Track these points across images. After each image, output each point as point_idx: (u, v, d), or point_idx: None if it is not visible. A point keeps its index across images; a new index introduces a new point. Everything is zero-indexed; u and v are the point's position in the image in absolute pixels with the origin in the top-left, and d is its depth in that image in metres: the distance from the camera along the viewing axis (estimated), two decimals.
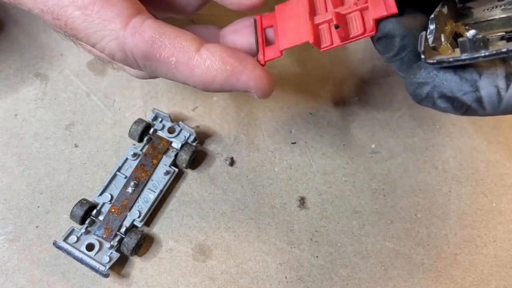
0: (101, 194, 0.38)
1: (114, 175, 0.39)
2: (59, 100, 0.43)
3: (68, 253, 0.35)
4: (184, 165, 0.39)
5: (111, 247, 0.36)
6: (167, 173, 0.39)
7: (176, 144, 0.40)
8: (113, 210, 0.37)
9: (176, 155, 0.40)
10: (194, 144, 0.40)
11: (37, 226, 0.38)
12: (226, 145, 0.42)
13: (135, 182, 0.38)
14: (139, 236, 0.36)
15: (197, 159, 0.41)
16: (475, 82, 0.25)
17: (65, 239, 0.36)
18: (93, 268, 0.35)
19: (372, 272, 0.37)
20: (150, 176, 0.39)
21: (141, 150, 0.40)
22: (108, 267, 0.35)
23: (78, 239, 0.36)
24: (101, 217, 0.37)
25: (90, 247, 0.36)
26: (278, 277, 0.37)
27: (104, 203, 0.38)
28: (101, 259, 0.35)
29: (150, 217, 0.38)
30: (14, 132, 0.41)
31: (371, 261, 0.38)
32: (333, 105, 0.44)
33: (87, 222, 0.36)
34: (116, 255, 0.36)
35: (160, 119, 0.41)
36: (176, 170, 0.40)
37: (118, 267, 0.37)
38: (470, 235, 0.39)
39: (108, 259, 0.35)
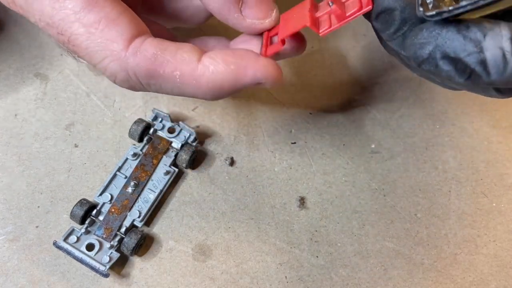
0: (101, 194, 0.38)
1: (114, 175, 0.39)
2: (59, 100, 0.43)
3: (68, 253, 0.35)
4: (184, 165, 0.39)
5: (111, 247, 0.36)
6: (167, 173, 0.39)
7: (176, 144, 0.40)
8: (113, 210, 0.37)
9: (176, 155, 0.40)
10: (194, 144, 0.40)
11: (37, 226, 0.38)
12: (226, 145, 0.42)
13: (135, 182, 0.38)
14: (139, 236, 0.36)
15: (197, 159, 0.41)
16: (479, 43, 0.24)
17: (65, 239, 0.36)
18: (93, 268, 0.35)
19: (372, 272, 0.37)
20: (150, 176, 0.39)
21: (141, 150, 0.40)
22: (108, 267, 0.35)
23: (78, 239, 0.36)
24: (101, 217, 0.37)
25: (90, 247, 0.36)
26: (278, 277, 0.37)
27: (104, 203, 0.38)
28: (101, 259, 0.35)
29: (150, 217, 0.38)
30: (14, 132, 0.41)
31: (371, 261, 0.38)
32: (333, 105, 0.44)
33: (87, 222, 0.36)
34: (116, 255, 0.36)
35: (160, 119, 0.41)
36: (176, 170, 0.40)
37: (118, 267, 0.37)
38: (470, 235, 0.39)
39: (108, 259, 0.35)
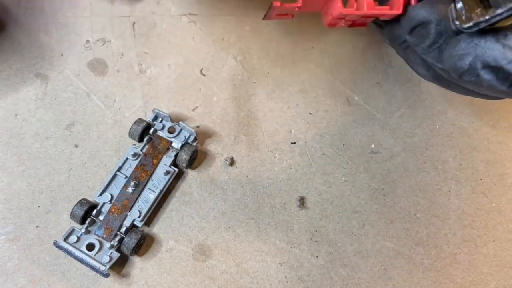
0: (101, 194, 0.38)
1: (114, 175, 0.39)
2: (60, 100, 0.43)
3: (69, 253, 0.35)
4: (184, 165, 0.39)
5: (111, 247, 0.36)
6: (167, 173, 0.39)
7: (176, 144, 0.40)
8: (113, 210, 0.37)
9: (176, 155, 0.40)
10: (194, 144, 0.40)
11: (38, 226, 0.38)
12: (226, 145, 0.42)
13: (135, 182, 0.38)
14: (139, 236, 0.36)
15: (197, 159, 0.41)
16: None
17: (66, 239, 0.36)
18: (93, 268, 0.35)
19: (372, 272, 0.37)
20: (150, 176, 0.39)
21: (141, 150, 0.40)
22: (108, 267, 0.35)
23: (79, 239, 0.36)
24: (101, 217, 0.37)
25: (90, 247, 0.36)
26: (278, 277, 0.37)
27: (104, 203, 0.38)
28: (101, 259, 0.35)
29: (150, 217, 0.38)
30: (15, 132, 0.41)
31: (371, 261, 0.38)
32: (333, 105, 0.44)
33: (87, 222, 0.37)
34: (116, 255, 0.36)
35: (160, 119, 0.41)
36: (176, 170, 0.40)
37: (118, 267, 0.37)
38: (470, 235, 0.39)
39: (108, 259, 0.35)
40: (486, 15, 0.23)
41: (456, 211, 0.40)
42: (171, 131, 0.41)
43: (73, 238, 0.36)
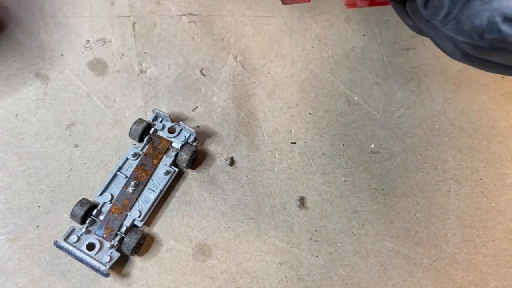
0: (102, 194, 0.38)
1: (115, 175, 0.39)
2: (60, 100, 0.43)
3: (69, 253, 0.35)
4: (184, 165, 0.40)
5: (112, 247, 0.36)
6: (167, 173, 0.39)
7: (176, 144, 0.40)
8: (114, 210, 0.37)
9: (176, 155, 0.40)
10: (194, 144, 0.40)
11: (38, 226, 0.38)
12: (226, 145, 0.42)
13: (136, 182, 0.38)
14: (140, 236, 0.36)
15: (197, 159, 0.41)
16: None
17: (66, 239, 0.36)
18: (94, 268, 0.35)
19: (372, 272, 0.37)
20: (151, 176, 0.39)
21: (142, 150, 0.40)
22: (109, 267, 0.35)
23: (79, 239, 0.36)
24: (102, 217, 0.37)
25: (91, 247, 0.36)
26: (278, 277, 0.37)
27: (105, 203, 0.38)
28: (102, 259, 0.35)
29: (151, 217, 0.38)
30: (15, 132, 0.41)
31: (371, 261, 0.38)
32: (333, 105, 0.44)
33: (88, 222, 0.37)
34: (117, 255, 0.36)
35: (160, 119, 0.41)
36: (176, 170, 0.40)
37: (119, 267, 0.37)
38: (469, 235, 0.39)
39: (109, 259, 0.35)
40: None
41: (456, 211, 0.40)
42: (171, 131, 0.41)
43: (74, 238, 0.36)
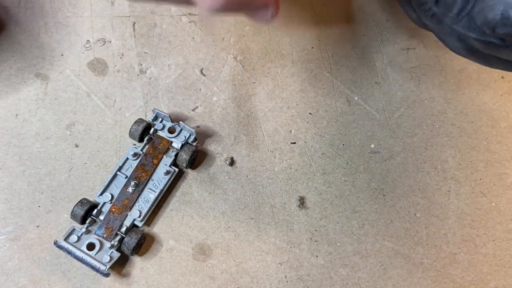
0: (102, 194, 0.38)
1: (115, 175, 0.39)
2: (60, 100, 0.43)
3: (69, 253, 0.35)
4: (184, 165, 0.40)
5: (112, 247, 0.36)
6: (168, 173, 0.39)
7: (176, 144, 0.40)
8: (114, 210, 0.37)
9: (176, 155, 0.40)
10: (194, 144, 0.40)
11: (38, 226, 0.38)
12: (226, 145, 0.42)
13: (136, 182, 0.38)
14: (140, 236, 0.36)
15: (197, 159, 0.41)
16: None
17: (66, 239, 0.36)
18: (94, 268, 0.35)
19: (372, 272, 0.37)
20: (151, 176, 0.39)
21: (142, 150, 0.40)
22: (109, 267, 0.35)
23: (79, 239, 0.36)
24: (102, 217, 0.37)
25: (91, 247, 0.36)
26: (278, 277, 0.37)
27: (105, 203, 0.38)
28: (102, 259, 0.35)
29: (151, 217, 0.39)
30: (15, 132, 0.41)
31: (371, 261, 0.38)
32: (333, 105, 0.44)
33: (88, 222, 0.37)
34: (117, 255, 0.36)
35: (161, 119, 0.41)
36: (176, 170, 0.40)
37: (119, 267, 0.37)
38: (469, 235, 0.39)
39: (109, 259, 0.35)
40: None
41: (456, 211, 0.40)
42: (171, 131, 0.41)
43: (74, 238, 0.36)
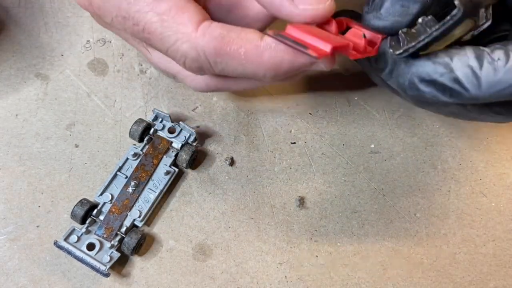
0: (102, 194, 0.38)
1: (115, 175, 0.39)
2: (60, 100, 0.43)
3: (69, 253, 0.35)
4: (184, 165, 0.40)
5: (112, 247, 0.36)
6: (168, 173, 0.39)
7: (176, 144, 0.40)
8: (114, 210, 0.37)
9: (177, 155, 0.40)
10: (194, 144, 0.40)
11: (38, 226, 0.38)
12: (226, 145, 0.42)
13: (136, 182, 0.38)
14: (140, 236, 0.36)
15: (197, 159, 0.41)
16: (448, 65, 0.28)
17: (66, 239, 0.36)
18: (94, 268, 0.35)
19: (372, 272, 0.37)
20: (151, 176, 0.39)
21: (142, 150, 0.40)
22: (109, 267, 0.35)
23: (79, 239, 0.36)
24: (102, 217, 0.37)
25: (91, 247, 0.36)
26: (278, 277, 0.37)
27: (105, 203, 0.38)
28: (102, 259, 0.35)
29: (151, 217, 0.39)
30: (15, 132, 0.41)
31: (371, 261, 0.38)
32: (333, 105, 0.44)
33: (88, 222, 0.37)
34: (117, 255, 0.36)
35: (161, 119, 0.41)
36: (177, 170, 0.40)
37: (119, 267, 0.37)
38: (469, 235, 0.39)
39: (109, 259, 0.35)
40: (412, 42, 0.28)
41: (456, 211, 0.40)
42: (171, 131, 0.41)
43: (74, 238, 0.36)
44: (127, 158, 0.39)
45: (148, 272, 0.37)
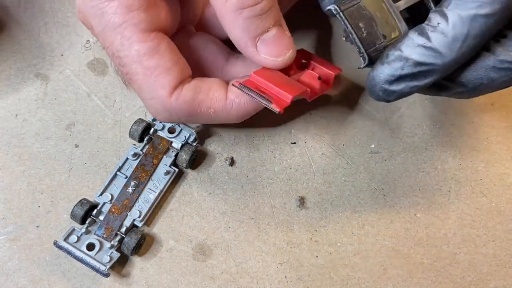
0: (102, 194, 0.38)
1: (115, 175, 0.39)
2: (60, 100, 0.43)
3: (69, 253, 0.35)
4: (184, 165, 0.40)
5: (112, 247, 0.36)
6: (167, 173, 0.39)
7: (176, 144, 0.40)
8: (114, 210, 0.37)
9: (176, 155, 0.40)
10: (194, 144, 0.40)
11: (38, 226, 0.38)
12: (226, 145, 0.42)
13: (136, 182, 0.38)
14: (140, 236, 0.36)
15: (197, 159, 0.41)
16: (401, 55, 0.29)
17: (66, 239, 0.36)
18: (94, 268, 0.35)
19: (372, 272, 0.37)
20: (151, 176, 0.39)
21: (142, 150, 0.40)
22: (109, 267, 0.35)
23: (79, 239, 0.36)
24: (102, 217, 0.37)
25: (91, 247, 0.36)
26: (278, 277, 0.37)
27: (105, 203, 0.38)
28: (102, 259, 0.35)
29: (151, 217, 0.39)
30: (15, 132, 0.41)
31: (371, 261, 0.38)
32: (333, 105, 0.44)
33: (88, 222, 0.37)
34: (117, 255, 0.36)
35: None
36: (176, 170, 0.40)
37: (119, 267, 0.37)
38: (469, 235, 0.39)
39: (109, 259, 0.35)
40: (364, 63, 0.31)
41: (456, 211, 0.40)
42: (171, 131, 0.41)
43: (73, 238, 0.36)
44: (127, 158, 0.39)
45: (148, 272, 0.37)
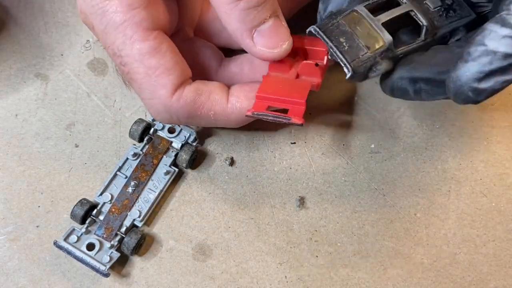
0: (102, 194, 0.38)
1: (115, 175, 0.39)
2: (60, 100, 0.43)
3: (69, 253, 0.35)
4: (184, 165, 0.40)
5: (112, 247, 0.36)
6: (167, 173, 0.39)
7: (176, 144, 0.40)
8: (114, 210, 0.37)
9: (176, 155, 0.40)
10: (194, 144, 0.40)
11: (38, 226, 0.38)
12: (226, 145, 0.42)
13: (136, 182, 0.38)
14: (139, 236, 0.36)
15: (197, 159, 0.41)
16: (487, 51, 0.27)
17: (66, 239, 0.36)
18: (94, 268, 0.35)
19: (372, 272, 0.37)
20: (150, 176, 0.39)
21: (142, 150, 0.40)
22: (109, 267, 0.35)
23: (79, 239, 0.36)
24: (102, 217, 0.37)
25: (91, 247, 0.36)
26: (278, 277, 0.37)
27: (105, 203, 0.38)
28: (102, 259, 0.35)
29: (151, 217, 0.39)
30: (15, 132, 0.41)
31: (371, 261, 0.38)
32: (333, 105, 0.44)
33: (88, 222, 0.37)
34: (117, 255, 0.36)
35: None
36: (176, 170, 0.40)
37: (119, 267, 0.37)
38: (469, 235, 0.39)
39: (109, 259, 0.35)
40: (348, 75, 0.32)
41: (456, 211, 0.40)
42: (171, 131, 0.41)
43: (73, 238, 0.36)
44: (127, 158, 0.39)
45: (148, 272, 0.37)
